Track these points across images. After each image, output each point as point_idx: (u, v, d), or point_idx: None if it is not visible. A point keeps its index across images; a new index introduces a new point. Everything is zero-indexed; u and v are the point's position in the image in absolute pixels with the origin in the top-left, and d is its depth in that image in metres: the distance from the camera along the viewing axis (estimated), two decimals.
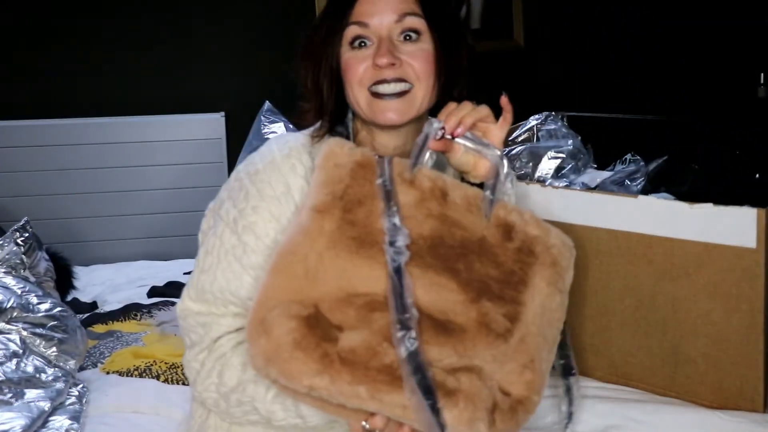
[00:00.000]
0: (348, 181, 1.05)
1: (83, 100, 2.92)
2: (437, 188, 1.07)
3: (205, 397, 1.15)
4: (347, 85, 1.16)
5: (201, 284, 1.17)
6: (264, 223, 1.13)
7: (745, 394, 1.34)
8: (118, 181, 2.92)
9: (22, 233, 1.79)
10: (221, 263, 1.15)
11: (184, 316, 1.18)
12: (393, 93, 1.13)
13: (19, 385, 1.49)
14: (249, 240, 1.14)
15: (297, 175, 1.16)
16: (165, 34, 2.96)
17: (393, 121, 1.15)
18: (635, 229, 1.40)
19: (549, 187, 1.50)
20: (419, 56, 1.16)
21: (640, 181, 1.66)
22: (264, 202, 1.14)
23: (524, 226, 1.09)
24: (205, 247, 1.18)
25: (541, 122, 1.94)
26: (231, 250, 1.15)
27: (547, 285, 1.07)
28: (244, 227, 1.14)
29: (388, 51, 1.13)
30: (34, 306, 1.64)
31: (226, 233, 1.16)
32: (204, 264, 1.17)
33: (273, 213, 1.14)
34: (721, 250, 1.32)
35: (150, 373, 1.66)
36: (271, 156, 1.18)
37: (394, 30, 1.15)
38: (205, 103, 2.99)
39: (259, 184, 1.16)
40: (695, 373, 1.39)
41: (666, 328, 1.40)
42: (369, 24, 1.14)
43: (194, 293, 1.17)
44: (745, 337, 1.32)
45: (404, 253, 0.99)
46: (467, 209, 1.07)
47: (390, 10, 1.14)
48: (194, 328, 1.17)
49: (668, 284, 1.39)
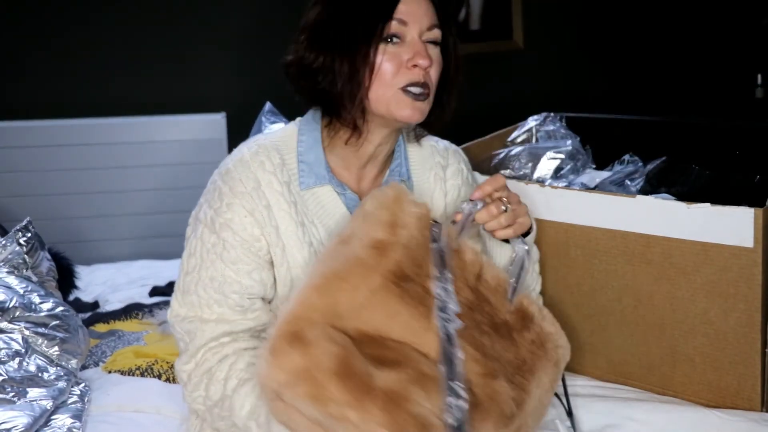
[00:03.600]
0: (413, 231, 1.07)
1: (84, 100, 2.92)
2: (477, 262, 1.12)
3: (195, 408, 1.20)
4: (376, 82, 1.17)
5: (186, 286, 1.21)
6: (240, 218, 1.19)
7: (743, 393, 1.35)
8: (120, 181, 2.92)
9: (25, 233, 1.80)
10: (204, 262, 1.20)
11: (173, 322, 1.23)
12: (418, 94, 1.19)
13: (22, 384, 1.50)
14: (227, 236, 1.18)
15: (266, 171, 1.20)
16: (166, 34, 2.96)
17: (416, 120, 1.21)
18: (634, 228, 1.41)
19: (548, 187, 1.51)
20: (437, 61, 1.22)
21: (639, 181, 1.66)
22: (237, 199, 1.19)
23: (541, 320, 1.15)
24: (187, 250, 1.24)
25: (540, 123, 1.94)
26: (212, 248, 1.20)
27: (548, 381, 1.13)
28: (221, 224, 1.19)
29: (427, 54, 1.19)
30: (37, 305, 1.65)
31: (205, 233, 1.21)
32: (188, 266, 1.22)
33: (246, 208, 1.19)
34: (719, 250, 1.32)
35: (152, 372, 1.67)
36: (240, 155, 1.23)
37: (423, 35, 1.19)
38: (206, 104, 2.99)
39: (230, 182, 1.20)
40: (693, 372, 1.40)
41: (664, 328, 1.41)
42: (408, 23, 1.18)
43: (180, 296, 1.22)
44: (742, 336, 1.33)
45: (454, 321, 1.03)
46: (496, 290, 1.13)
47: (426, 17, 1.20)
48: (182, 336, 1.21)
49: (666, 284, 1.39)
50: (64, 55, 2.89)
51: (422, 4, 1.20)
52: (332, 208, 1.24)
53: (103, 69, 2.93)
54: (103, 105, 2.93)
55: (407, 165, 1.33)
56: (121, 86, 2.95)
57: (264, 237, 1.19)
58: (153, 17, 2.95)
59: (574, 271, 1.50)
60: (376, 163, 1.29)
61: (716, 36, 3.32)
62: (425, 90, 1.19)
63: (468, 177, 1.42)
